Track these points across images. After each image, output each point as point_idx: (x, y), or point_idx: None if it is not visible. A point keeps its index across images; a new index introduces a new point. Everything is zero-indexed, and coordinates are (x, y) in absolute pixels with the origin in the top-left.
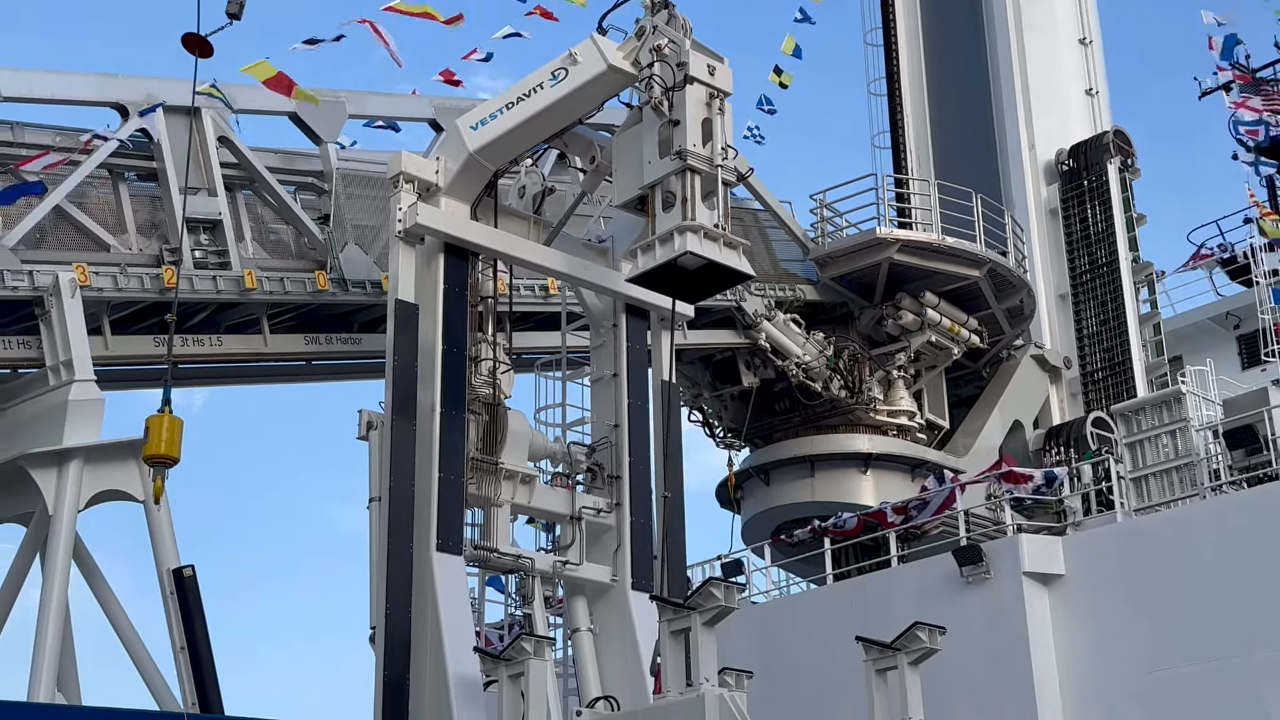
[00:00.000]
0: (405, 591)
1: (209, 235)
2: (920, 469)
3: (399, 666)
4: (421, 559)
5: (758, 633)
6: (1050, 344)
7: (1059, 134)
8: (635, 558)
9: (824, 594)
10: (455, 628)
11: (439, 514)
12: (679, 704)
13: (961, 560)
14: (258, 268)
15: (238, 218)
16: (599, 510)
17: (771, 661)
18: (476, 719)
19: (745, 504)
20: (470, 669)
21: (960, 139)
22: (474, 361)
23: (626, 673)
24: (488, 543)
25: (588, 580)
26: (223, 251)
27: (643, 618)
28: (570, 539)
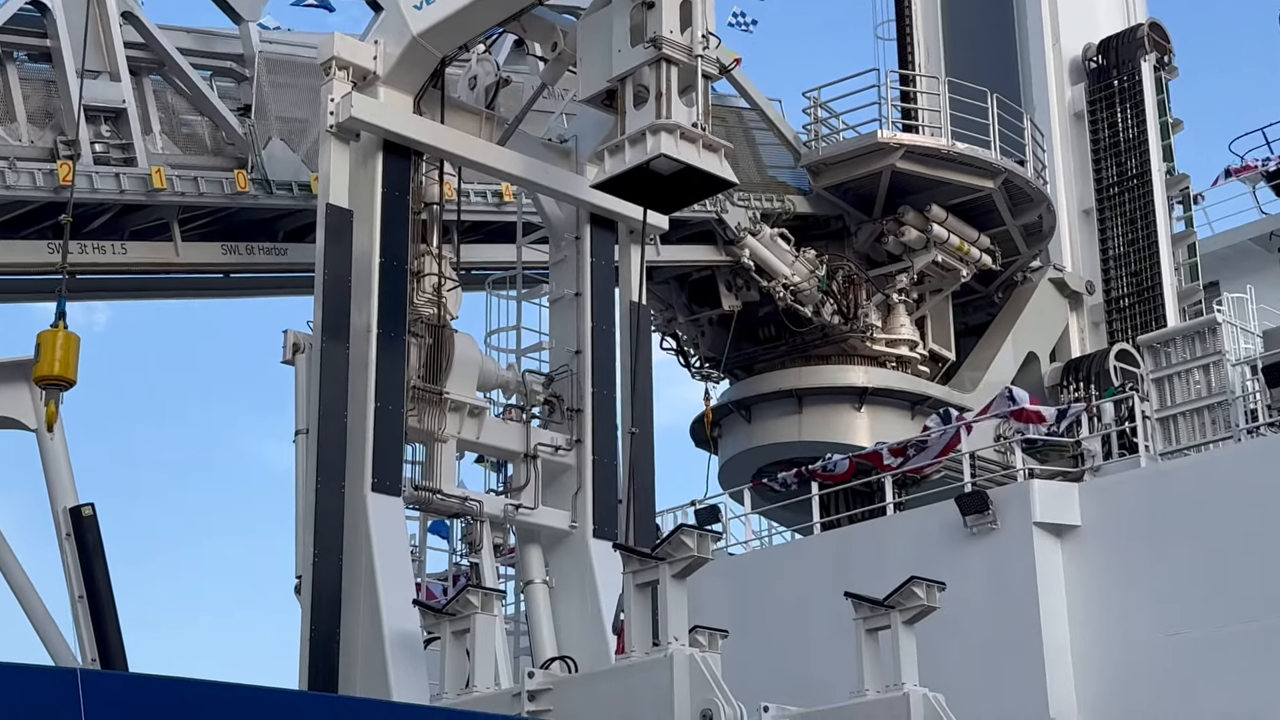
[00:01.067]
0: (336, 537)
1: (111, 126)
2: (921, 406)
3: (328, 621)
4: (354, 500)
5: (735, 587)
6: (1071, 266)
7: (1087, 27)
8: (597, 502)
9: (810, 545)
10: (392, 578)
11: (375, 450)
12: (644, 665)
13: (965, 508)
14: (167, 165)
15: (145, 107)
16: (557, 448)
17: (750, 619)
18: (415, 680)
19: (723, 443)
20: (409, 624)
21: (975, 31)
22: (416, 277)
23: (585, 630)
24: (430, 483)
25: (543, 526)
26: (127, 145)
27: (605, 569)
28: (524, 479)
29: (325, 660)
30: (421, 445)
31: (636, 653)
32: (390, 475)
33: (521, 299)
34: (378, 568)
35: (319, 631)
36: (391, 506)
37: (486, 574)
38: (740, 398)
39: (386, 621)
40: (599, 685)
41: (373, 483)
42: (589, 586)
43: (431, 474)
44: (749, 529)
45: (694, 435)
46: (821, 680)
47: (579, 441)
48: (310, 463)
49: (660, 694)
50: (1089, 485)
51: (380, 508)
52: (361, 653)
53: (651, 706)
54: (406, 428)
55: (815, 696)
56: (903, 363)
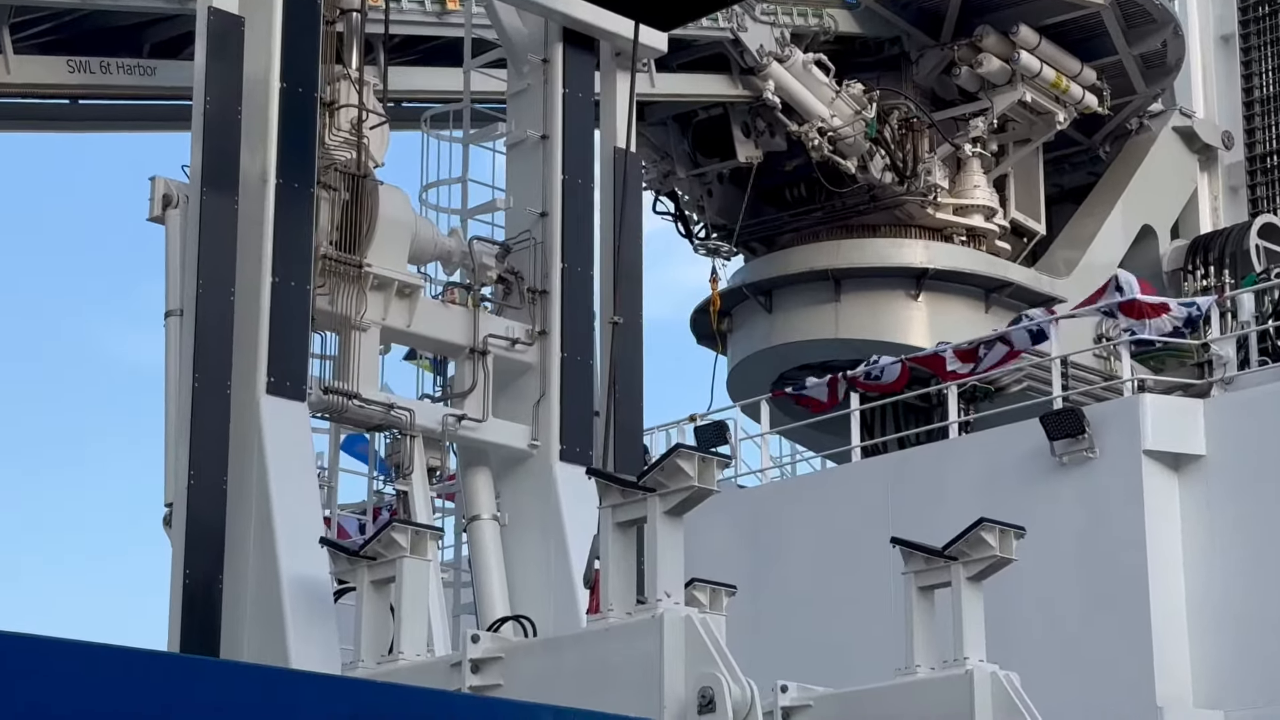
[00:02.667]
0: (218, 454)
1: None
2: (999, 294)
3: (206, 563)
4: (243, 406)
5: (747, 529)
6: (1203, 112)
7: None
8: (567, 413)
9: (847, 475)
10: (292, 509)
11: (271, 339)
12: (625, 629)
13: (1054, 430)
14: None
15: None
16: (514, 341)
17: (766, 571)
18: (321, 642)
19: (735, 340)
20: (314, 569)
21: None
22: (329, 109)
23: (547, 581)
24: (344, 385)
25: (495, 445)
26: None
27: (575, 502)
28: (469, 383)
29: (202, 614)
30: (334, 335)
31: (615, 612)
32: (291, 374)
33: (469, 142)
34: (273, 495)
35: (195, 577)
36: (293, 415)
37: (418, 507)
38: (758, 280)
39: (284, 565)
40: (564, 654)
41: (268, 383)
42: (553, 525)
43: (346, 373)
44: (766, 453)
45: (696, 329)
46: (858, 652)
47: (543, 333)
48: (184, 356)
49: (645, 666)
50: (1218, 402)
51: (278, 417)
52: (251, 606)
53: (633, 682)
54: (314, 311)
55: (849, 673)
56: (975, 237)
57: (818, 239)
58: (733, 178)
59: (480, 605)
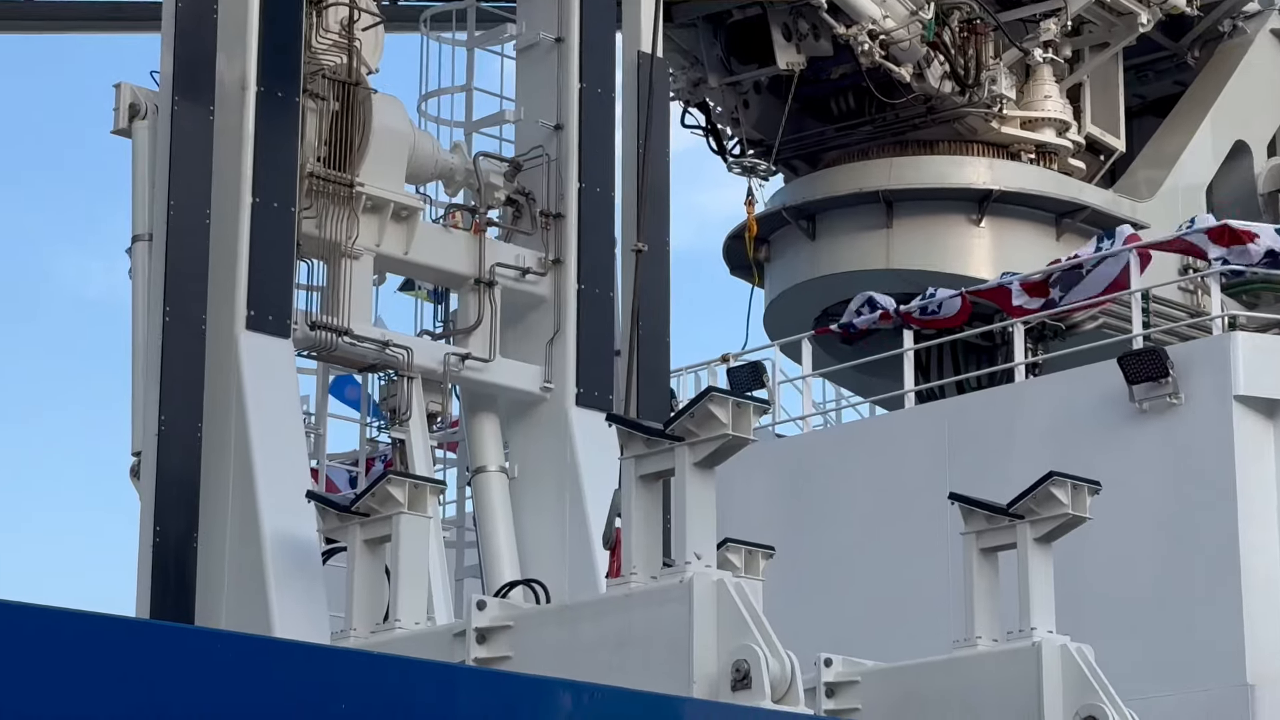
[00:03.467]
0: (191, 398)
1: None
2: (1072, 219)
3: (179, 519)
4: (220, 343)
5: (787, 484)
6: None
7: None
8: (584, 353)
9: (900, 424)
10: (276, 459)
11: (251, 268)
12: (649, 595)
13: (1133, 373)
14: None
15: None
16: (525, 271)
17: (807, 530)
18: (308, 608)
19: (773, 270)
20: (299, 527)
21: None
22: (316, 7)
23: (562, 541)
24: (333, 319)
25: (503, 388)
26: None
27: (593, 452)
28: (475, 318)
29: (175, 577)
30: (322, 263)
31: (638, 576)
32: (274, 307)
33: (475, 45)
34: (254, 443)
35: (166, 535)
36: (276, 353)
37: (417, 457)
38: (800, 202)
39: (267, 522)
40: (581, 623)
41: (248, 317)
42: (568, 478)
43: (336, 306)
44: (808, 398)
45: (730, 258)
46: (911, 622)
47: (557, 262)
48: (153, 287)
49: (672, 637)
50: None
51: (259, 355)
52: (229, 567)
53: (658, 655)
54: (300, 236)
55: (901, 645)
56: (1045, 154)
57: (867, 156)
58: (771, 87)
59: (487, 568)
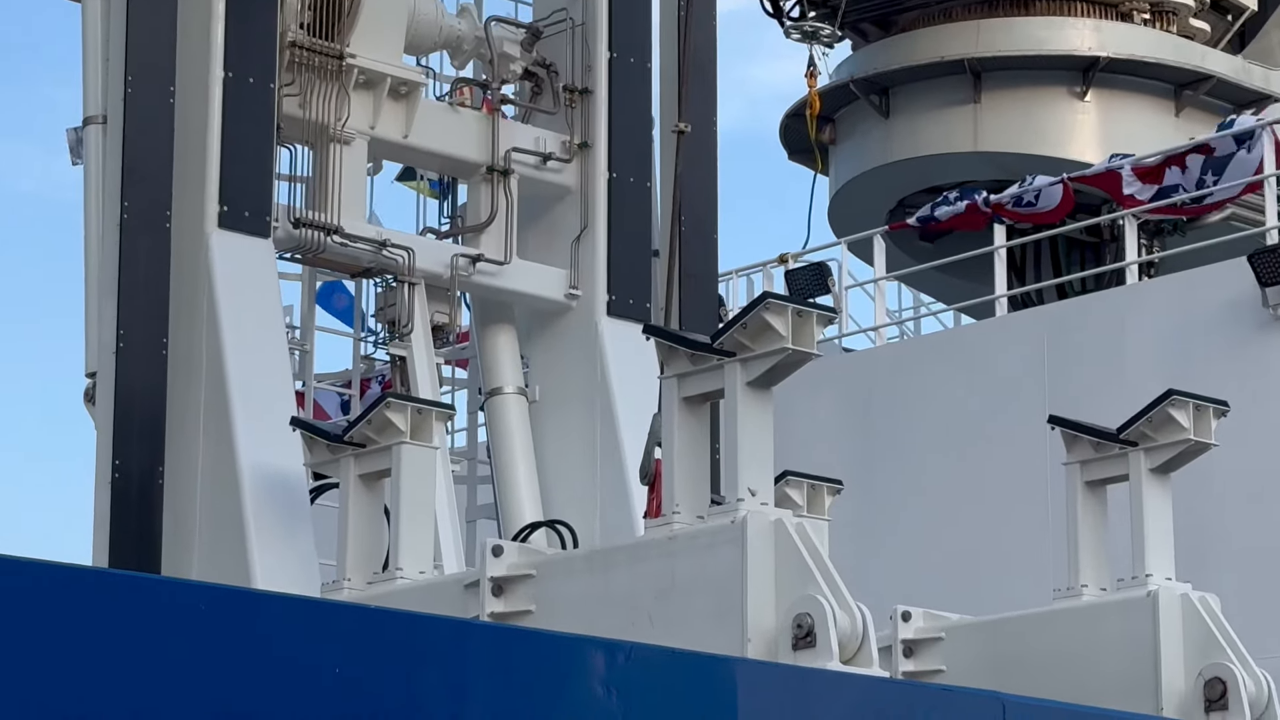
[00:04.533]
0: (155, 309)
1: None
2: (1193, 91)
3: (142, 451)
4: (187, 244)
5: (856, 406)
6: None
7: None
8: (616, 253)
9: (989, 334)
10: (254, 380)
11: (224, 155)
12: (695, 538)
13: (1267, 273)
14: None
15: None
16: (546, 157)
17: (880, 460)
18: (293, 556)
19: (839, 154)
20: (283, 460)
21: None
22: None
23: (592, 475)
24: (320, 215)
25: (521, 295)
26: None
27: (628, 371)
28: (488, 213)
29: (138, 518)
30: (307, 149)
31: (682, 516)
32: (251, 201)
33: None
34: (229, 362)
35: (127, 469)
36: (253, 256)
37: (420, 377)
38: (871, 74)
39: (244, 455)
40: (615, 571)
41: (220, 213)
42: (599, 401)
43: (324, 201)
44: (881, 305)
45: (788, 140)
46: (1004, 568)
47: (584, 146)
48: (109, 179)
49: (722, 587)
50: None
51: (233, 258)
52: (202, 507)
53: (706, 607)
54: (280, 117)
55: (992, 595)
56: (1163, 14)
57: (950, 19)
58: None
59: (503, 507)
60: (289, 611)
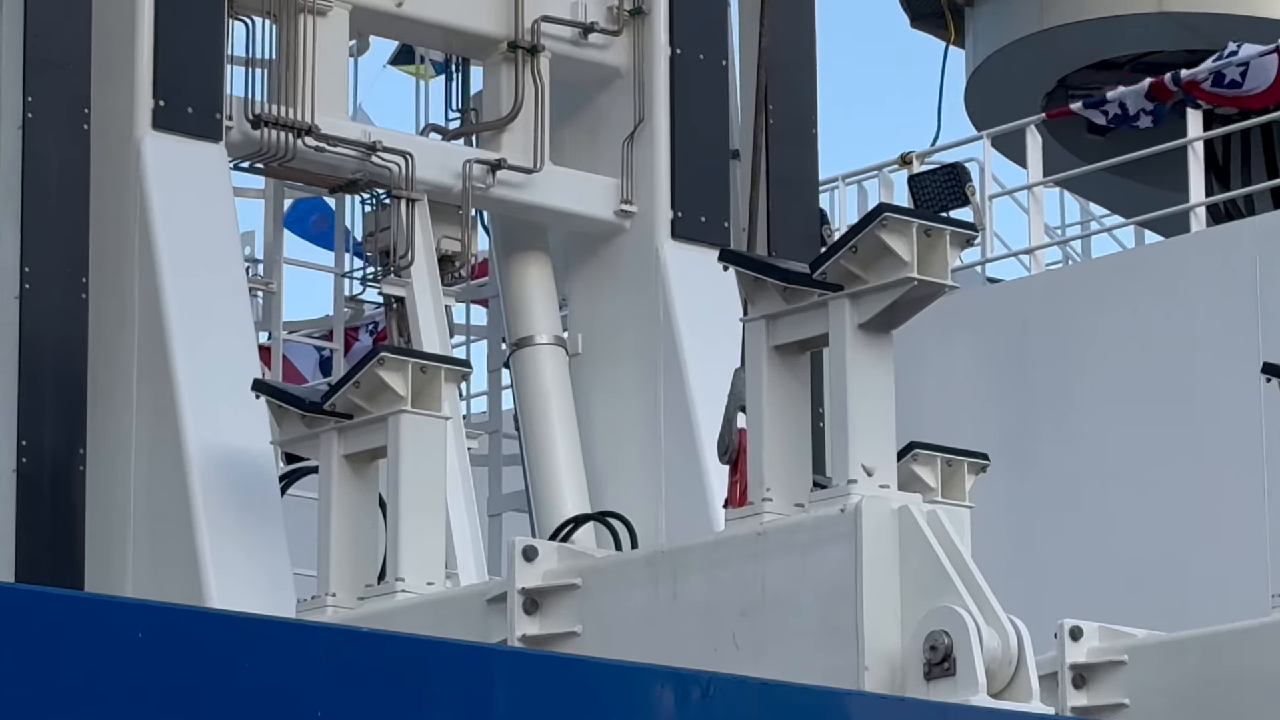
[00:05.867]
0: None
1: None
2: None
3: (57, 427)
4: (112, 150)
5: (1006, 353)
6: None
7: None
8: (682, 156)
9: (1182, 253)
10: (203, 331)
11: (157, 34)
12: (793, 531)
13: None
14: None
15: None
16: (587, 28)
17: (1038, 426)
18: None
19: (979, 19)
20: (243, 437)
21: None
22: None
23: (654, 451)
24: (288, 110)
25: (557, 213)
26: None
27: (700, 311)
28: (511, 104)
29: (53, 514)
30: (268, 21)
31: (774, 504)
32: (195, 94)
33: None
34: (169, 306)
35: (38, 450)
36: (199, 165)
37: (424, 324)
38: None
39: (191, 430)
40: (686, 578)
41: (155, 110)
42: (663, 352)
43: (292, 91)
44: (1037, 219)
45: (910, 2)
46: (1202, 565)
47: (638, 12)
48: (6, 62)
49: (829, 595)
50: None
51: (173, 169)
52: (138, 500)
53: (807, 625)
54: None
55: (1187, 604)
56: None
57: None
58: None
59: (537, 495)
60: (254, 637)
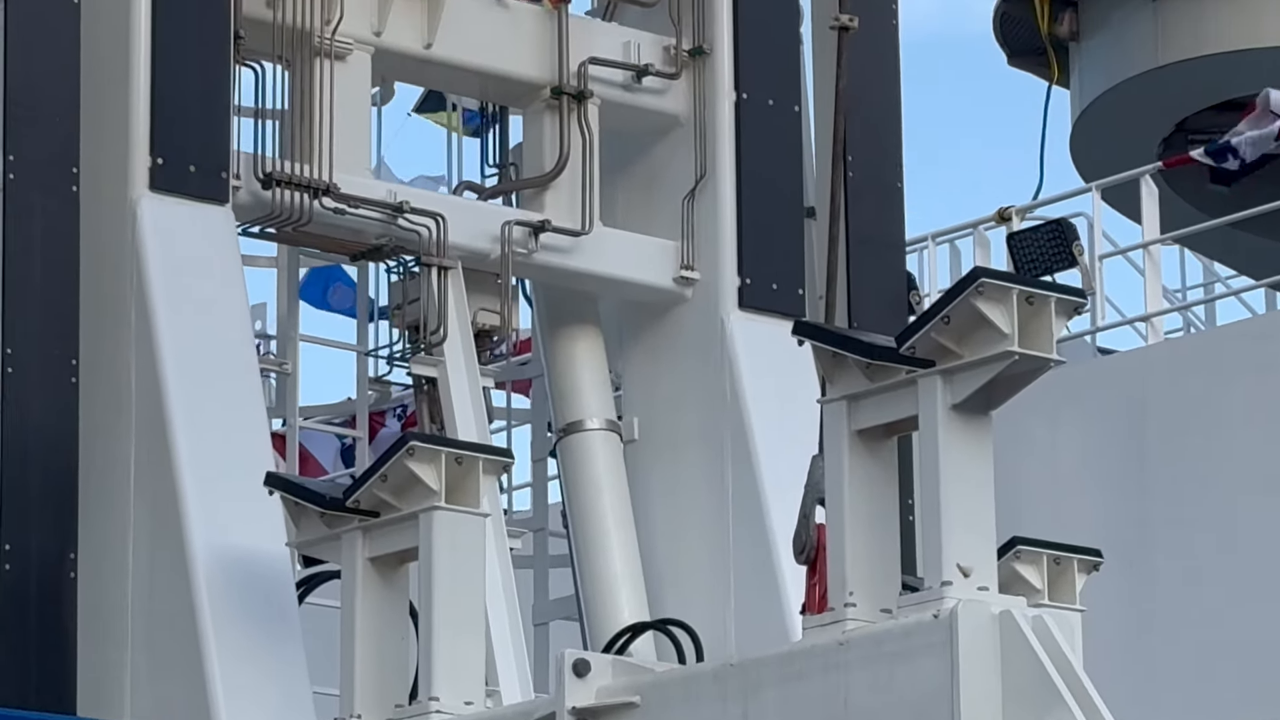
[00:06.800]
0: (61, 312)
1: None
2: None
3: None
4: (105, 214)
5: (1123, 433)
6: None
7: None
8: (750, 216)
9: None
10: (209, 417)
11: (154, 83)
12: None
13: None
14: None
15: None
16: (641, 71)
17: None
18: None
19: (1086, 54)
20: (255, 536)
21: None
22: None
23: (722, 547)
24: (304, 167)
25: (610, 281)
26: None
27: (771, 389)
28: (555, 158)
29: (40, 625)
30: (281, 67)
31: (859, 609)
32: (197, 150)
33: None
34: (170, 390)
35: (23, 553)
36: (204, 230)
37: (459, 408)
38: None
39: (196, 531)
40: (759, 694)
41: (153, 169)
42: (730, 437)
43: (307, 145)
44: (1155, 281)
45: (1007, 36)
46: None
47: (699, 53)
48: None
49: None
50: None
51: (173, 233)
52: (136, 611)
53: None
54: (240, 19)
55: None
56: None
57: None
58: None
59: (589, 601)
60: None
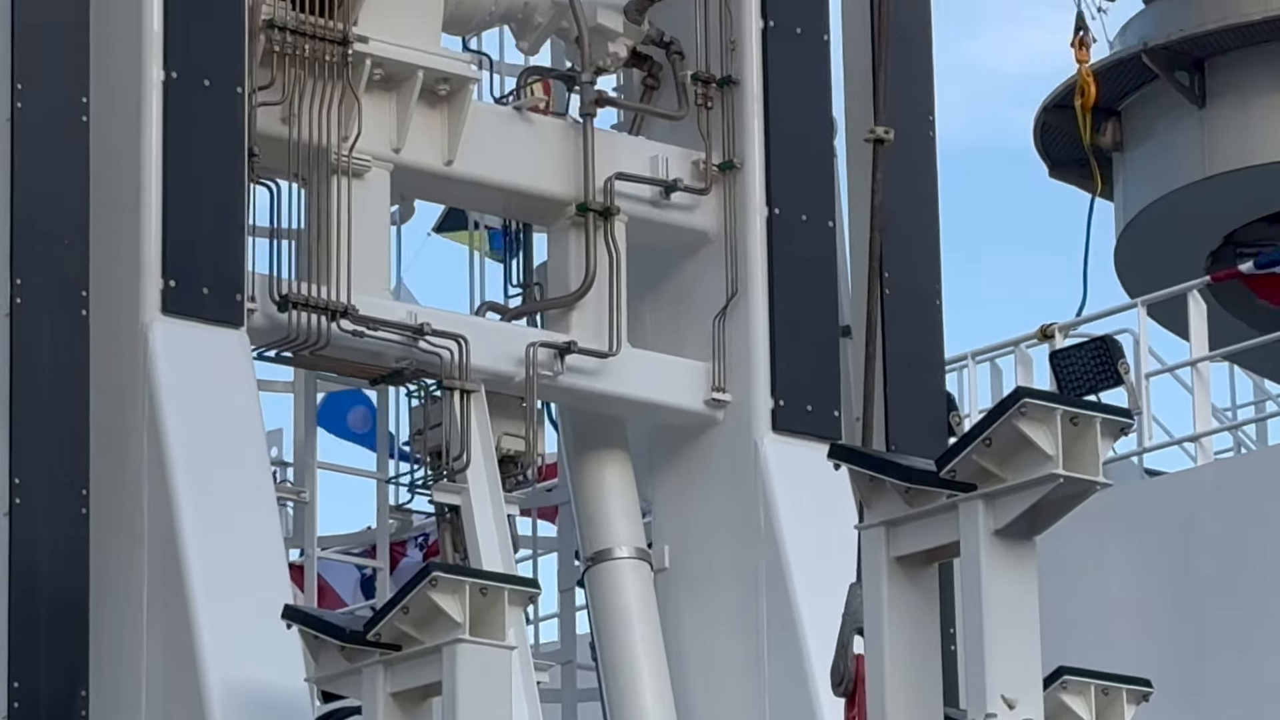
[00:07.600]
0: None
1: None
2: None
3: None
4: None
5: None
6: None
7: None
8: (783, 336)
9: None
10: (224, 547)
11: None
12: None
13: None
14: None
15: None
16: (669, 187)
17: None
18: None
19: (1130, 165)
20: (271, 671)
21: None
22: None
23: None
24: (321, 289)
25: (638, 403)
26: None
27: (807, 516)
28: (580, 277)
29: None
30: (298, 185)
31: None
32: (210, 272)
33: None
34: (184, 520)
35: (32, 692)
36: (218, 355)
37: (482, 537)
38: (1176, 37)
39: (211, 666)
40: None
41: (165, 292)
42: (764, 566)
43: (325, 266)
44: (1204, 400)
45: (1048, 147)
46: None
47: (729, 167)
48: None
49: None
50: None
51: (186, 358)
52: None
53: None
54: (254, 137)
55: None
56: None
57: None
58: None
59: None
60: None
